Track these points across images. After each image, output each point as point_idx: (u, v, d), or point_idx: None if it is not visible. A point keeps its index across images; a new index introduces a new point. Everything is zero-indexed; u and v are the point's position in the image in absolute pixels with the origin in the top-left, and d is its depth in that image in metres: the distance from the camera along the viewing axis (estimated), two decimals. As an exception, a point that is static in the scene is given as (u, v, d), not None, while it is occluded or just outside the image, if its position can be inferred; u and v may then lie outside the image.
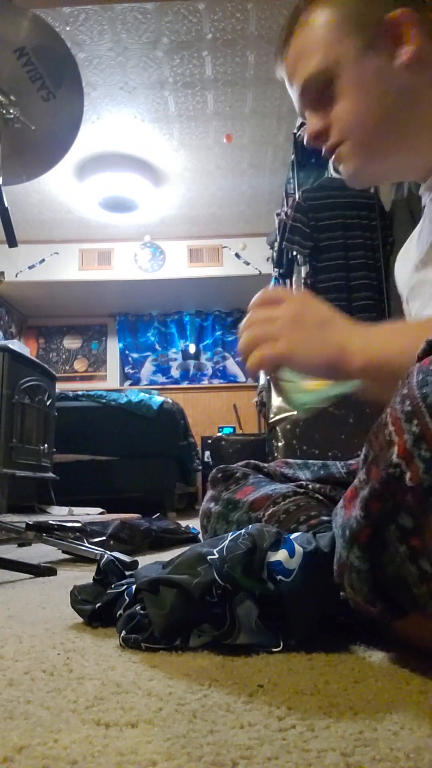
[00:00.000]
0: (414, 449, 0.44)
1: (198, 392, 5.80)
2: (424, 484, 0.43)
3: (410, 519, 0.44)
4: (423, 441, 0.43)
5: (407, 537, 0.45)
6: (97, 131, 3.78)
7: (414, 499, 0.43)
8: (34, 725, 0.39)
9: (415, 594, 0.45)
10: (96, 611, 0.66)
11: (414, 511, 0.44)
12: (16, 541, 1.69)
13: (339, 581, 0.51)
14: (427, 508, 0.43)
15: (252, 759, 0.33)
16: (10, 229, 1.33)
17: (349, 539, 0.48)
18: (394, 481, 0.44)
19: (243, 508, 0.81)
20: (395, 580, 0.46)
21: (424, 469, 0.43)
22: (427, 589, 0.44)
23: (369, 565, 0.47)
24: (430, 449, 0.43)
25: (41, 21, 1.38)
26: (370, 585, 0.48)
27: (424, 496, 0.43)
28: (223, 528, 0.83)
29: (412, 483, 0.43)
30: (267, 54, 3.17)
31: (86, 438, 3.45)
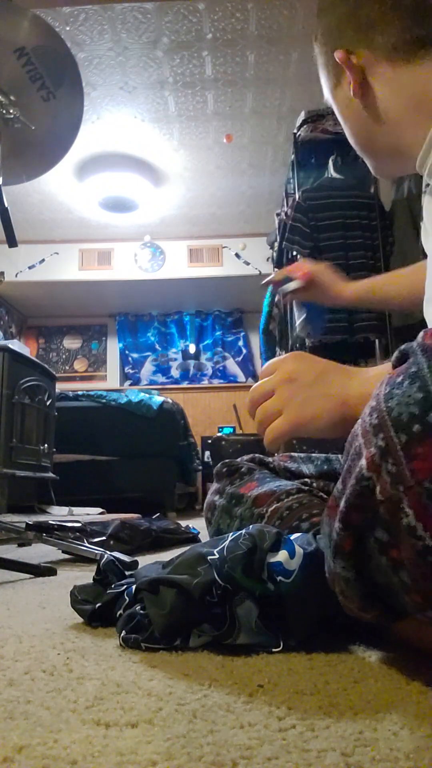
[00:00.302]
0: (381, 462, 0.43)
1: (198, 392, 5.80)
2: (393, 499, 0.42)
3: (385, 533, 0.44)
4: (388, 455, 0.43)
5: (386, 549, 0.44)
6: (97, 131, 3.78)
7: (386, 513, 0.43)
8: (34, 725, 0.39)
9: (402, 602, 0.45)
10: (96, 611, 0.66)
11: (388, 524, 0.43)
12: (16, 541, 1.69)
13: (332, 589, 0.51)
14: (398, 523, 0.42)
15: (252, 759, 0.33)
16: (10, 229, 1.33)
17: (333, 549, 0.47)
18: (367, 493, 0.44)
19: (246, 504, 0.81)
20: (385, 588, 0.46)
21: (390, 482, 0.42)
22: (410, 600, 0.44)
23: (355, 573, 0.47)
24: (396, 464, 0.42)
25: (41, 21, 1.38)
26: (360, 593, 0.47)
27: (394, 511, 0.42)
28: (226, 522, 0.83)
29: (382, 497, 0.43)
30: (267, 54, 3.17)
31: (86, 438, 3.45)
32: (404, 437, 0.43)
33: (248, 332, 6.01)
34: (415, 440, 0.42)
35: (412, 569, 0.43)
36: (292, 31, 3.02)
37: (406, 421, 0.43)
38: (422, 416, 0.42)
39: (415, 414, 0.42)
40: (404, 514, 0.42)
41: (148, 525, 1.69)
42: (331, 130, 3.13)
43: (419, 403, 0.42)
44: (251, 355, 5.96)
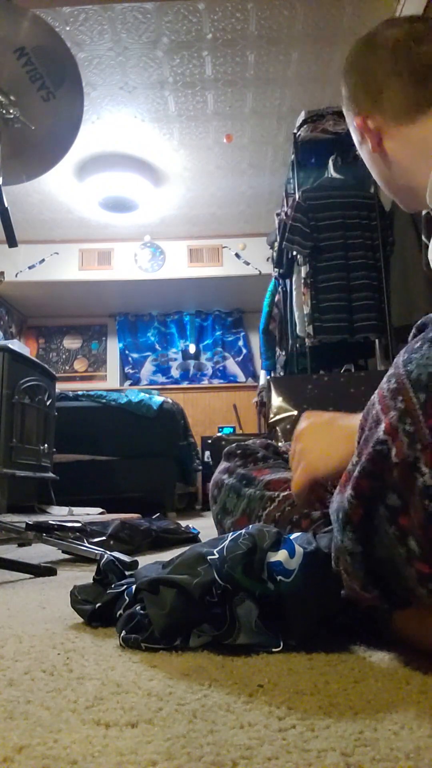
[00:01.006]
0: (399, 424, 0.45)
1: (198, 392, 5.80)
2: (408, 459, 0.44)
3: (397, 497, 0.45)
4: (407, 416, 0.45)
5: (395, 516, 0.46)
6: (97, 131, 3.78)
7: (399, 476, 0.45)
8: (34, 725, 0.39)
9: (405, 576, 0.46)
10: (96, 611, 0.66)
11: (400, 488, 0.45)
12: (16, 541, 1.69)
13: (336, 568, 0.52)
14: (412, 485, 0.44)
15: (252, 759, 0.33)
16: (10, 229, 1.33)
17: (342, 521, 0.49)
18: (381, 458, 0.46)
19: (258, 486, 0.81)
20: (387, 564, 0.47)
21: (407, 443, 0.44)
22: (415, 572, 0.45)
23: (362, 547, 0.48)
24: (414, 423, 0.44)
25: (41, 21, 1.38)
26: (364, 569, 0.49)
27: (408, 472, 0.44)
28: (233, 501, 0.83)
29: (397, 459, 0.45)
30: (267, 54, 3.17)
31: (86, 438, 3.45)
32: (423, 396, 0.44)
33: (248, 332, 6.01)
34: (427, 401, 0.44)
35: (421, 534, 0.44)
36: (292, 31, 3.02)
37: (425, 381, 0.44)
38: None
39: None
40: (419, 473, 0.44)
41: (148, 525, 1.69)
42: (331, 130, 3.13)
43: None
44: (251, 355, 5.96)
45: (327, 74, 3.34)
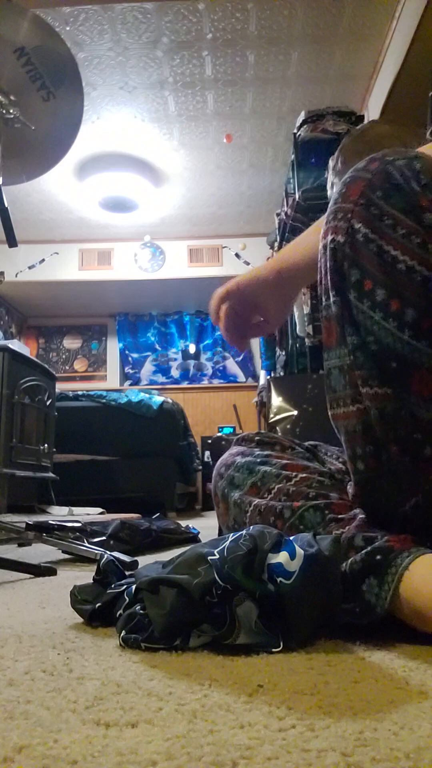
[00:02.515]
0: (333, 221, 0.64)
1: (198, 392, 5.80)
2: (348, 231, 0.61)
3: (355, 269, 0.60)
4: (338, 212, 0.62)
5: (361, 285, 0.60)
6: (97, 131, 3.78)
7: (350, 248, 0.61)
8: (34, 725, 0.39)
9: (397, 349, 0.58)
10: (96, 611, 0.66)
11: (353, 258, 0.61)
12: (16, 541, 1.69)
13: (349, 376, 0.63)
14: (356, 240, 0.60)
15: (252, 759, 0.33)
16: (10, 229, 1.33)
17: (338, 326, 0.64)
18: (334, 252, 0.62)
19: (275, 465, 0.78)
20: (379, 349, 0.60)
21: (343, 221, 0.63)
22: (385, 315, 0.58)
23: (358, 337, 0.61)
24: (342, 208, 0.62)
25: (41, 21, 1.38)
26: (370, 357, 0.60)
27: (352, 238, 0.61)
28: (243, 476, 0.79)
29: (342, 239, 0.62)
30: (267, 54, 3.17)
31: (86, 438, 3.45)
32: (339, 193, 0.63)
33: (248, 332, 6.00)
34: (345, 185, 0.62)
35: (379, 277, 0.58)
36: (292, 31, 3.02)
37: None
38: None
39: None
40: (357, 231, 0.59)
41: (148, 525, 1.69)
42: (331, 130, 3.13)
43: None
44: (251, 355, 5.96)
45: (327, 74, 3.34)
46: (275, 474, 0.75)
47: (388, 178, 0.59)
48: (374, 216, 0.59)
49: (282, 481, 0.74)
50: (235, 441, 0.90)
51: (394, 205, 0.58)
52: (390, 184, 0.59)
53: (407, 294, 0.57)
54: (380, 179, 0.59)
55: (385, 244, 0.58)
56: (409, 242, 0.57)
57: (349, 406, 0.63)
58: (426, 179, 0.58)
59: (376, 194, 0.59)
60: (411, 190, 0.58)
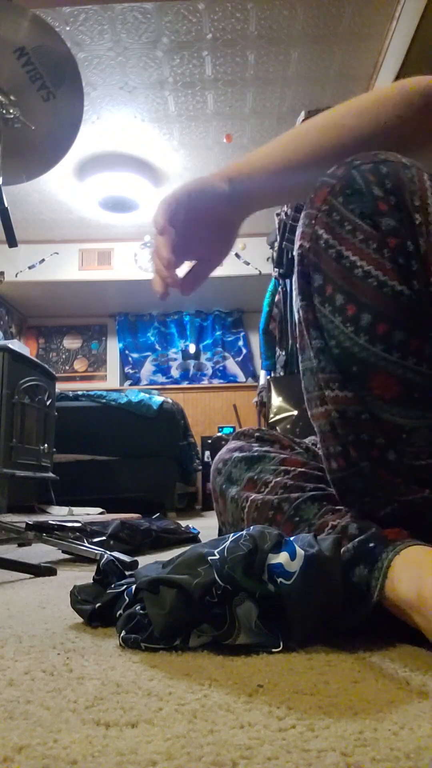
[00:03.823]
0: (303, 228, 0.64)
1: (198, 392, 5.80)
2: (313, 237, 0.63)
3: (317, 274, 0.61)
4: (306, 219, 0.64)
5: (323, 290, 0.61)
6: (97, 131, 3.78)
7: (313, 254, 0.62)
8: (34, 725, 0.39)
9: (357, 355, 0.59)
10: (96, 611, 0.66)
11: (315, 264, 0.62)
12: (16, 541, 1.69)
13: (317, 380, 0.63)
14: (319, 247, 0.61)
15: (252, 759, 0.33)
16: (10, 229, 1.33)
17: (304, 331, 0.65)
18: (300, 257, 0.64)
19: (273, 461, 0.77)
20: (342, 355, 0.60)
21: (306, 227, 0.63)
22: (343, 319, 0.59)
23: (323, 342, 0.62)
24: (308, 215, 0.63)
25: (41, 21, 1.38)
26: (333, 361, 0.60)
27: (316, 244, 0.62)
28: (240, 471, 0.78)
29: (307, 244, 0.63)
30: (267, 54, 3.17)
31: (86, 438, 3.45)
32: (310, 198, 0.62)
33: (248, 332, 6.01)
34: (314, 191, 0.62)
35: (338, 282, 0.59)
36: (292, 31, 3.02)
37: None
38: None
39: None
40: (319, 237, 0.60)
41: (148, 525, 1.69)
42: (331, 130, 3.13)
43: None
44: (251, 355, 5.96)
45: (327, 74, 3.34)
46: (272, 469, 0.75)
47: (350, 184, 0.59)
48: (335, 222, 0.60)
49: (280, 475, 0.74)
50: (233, 435, 0.89)
51: (353, 210, 0.59)
52: (351, 189, 0.59)
53: (363, 299, 0.58)
54: (343, 184, 0.60)
55: (344, 250, 0.59)
56: (366, 247, 0.58)
57: (319, 407, 0.64)
58: (390, 184, 0.58)
59: (338, 200, 0.60)
60: (371, 195, 0.58)
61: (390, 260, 0.57)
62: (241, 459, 0.79)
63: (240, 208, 0.73)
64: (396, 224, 0.58)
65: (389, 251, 0.58)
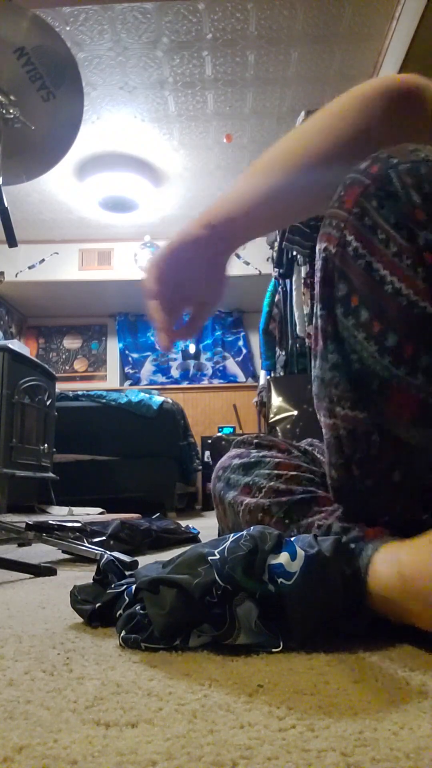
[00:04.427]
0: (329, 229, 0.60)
1: (198, 392, 5.80)
2: (340, 242, 0.58)
3: (344, 283, 0.57)
4: (333, 218, 0.60)
5: (347, 300, 0.57)
6: (97, 131, 3.78)
7: (340, 260, 0.58)
8: (34, 725, 0.39)
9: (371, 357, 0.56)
10: (96, 611, 0.66)
11: (342, 271, 0.58)
12: (16, 541, 1.69)
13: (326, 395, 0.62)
14: (347, 256, 0.57)
15: (252, 759, 0.33)
16: (10, 229, 1.33)
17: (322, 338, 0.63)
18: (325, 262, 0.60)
19: (267, 465, 0.78)
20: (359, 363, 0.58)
21: (335, 231, 0.59)
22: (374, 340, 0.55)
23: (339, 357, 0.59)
24: (336, 216, 0.59)
25: (41, 21, 1.38)
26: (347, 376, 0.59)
27: (343, 250, 0.57)
28: (236, 477, 0.80)
29: (333, 248, 0.59)
30: (267, 54, 3.17)
31: (86, 438, 3.45)
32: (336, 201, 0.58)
33: (248, 332, 6.01)
34: (343, 190, 0.58)
35: (365, 295, 0.55)
36: (292, 31, 3.02)
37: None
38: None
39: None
40: (348, 243, 0.56)
41: (148, 525, 1.69)
42: (331, 130, 3.13)
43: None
44: (251, 355, 5.96)
45: (327, 74, 3.34)
46: (266, 473, 0.77)
47: (386, 185, 0.54)
48: (367, 228, 0.55)
49: (273, 480, 0.75)
50: (234, 444, 0.91)
51: (388, 218, 0.54)
52: (387, 192, 0.54)
53: (391, 317, 0.54)
54: (378, 186, 0.55)
55: (375, 261, 0.55)
56: (399, 262, 0.53)
57: (328, 419, 0.63)
58: (430, 187, 0.53)
59: (371, 203, 0.55)
60: (408, 201, 0.53)
61: (425, 279, 0.53)
62: (239, 465, 0.81)
63: (224, 249, 0.70)
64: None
65: (424, 269, 0.53)
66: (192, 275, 0.69)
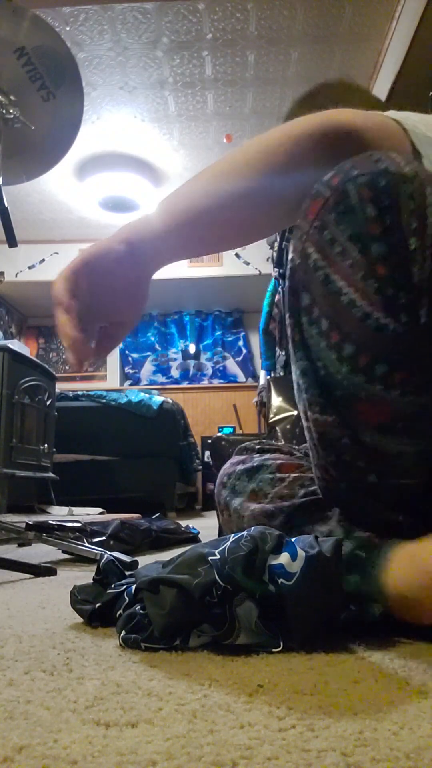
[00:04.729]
0: (295, 241, 0.61)
1: (198, 392, 5.80)
2: (303, 253, 0.60)
3: (306, 293, 0.59)
4: (297, 229, 0.61)
5: (310, 310, 0.59)
6: (97, 131, 3.78)
7: (302, 271, 0.59)
8: (34, 725, 0.39)
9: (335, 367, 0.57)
10: (96, 611, 0.66)
11: (306, 282, 0.59)
12: (16, 541, 1.69)
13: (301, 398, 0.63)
14: (308, 267, 0.58)
15: (252, 759, 0.33)
16: (10, 229, 1.33)
17: (293, 348, 0.63)
18: (292, 271, 0.61)
19: (270, 469, 0.79)
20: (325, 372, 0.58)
21: (300, 240, 0.60)
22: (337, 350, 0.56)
23: (308, 362, 0.60)
24: (301, 226, 0.60)
25: (41, 21, 1.38)
26: (317, 384, 0.60)
27: (305, 261, 0.59)
28: (242, 484, 0.81)
29: (299, 259, 0.61)
30: (267, 54, 3.17)
31: (86, 438, 3.45)
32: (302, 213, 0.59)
33: (248, 332, 6.01)
34: (308, 201, 0.58)
35: (324, 307, 0.56)
36: (292, 31, 3.02)
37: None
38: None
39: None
40: (309, 255, 0.57)
41: (148, 525, 1.69)
42: (331, 130, 3.13)
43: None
44: (251, 355, 5.95)
45: (327, 74, 3.34)
46: (270, 477, 0.77)
47: (343, 199, 0.55)
48: (326, 241, 0.56)
49: (276, 484, 0.76)
50: (237, 450, 0.92)
51: (344, 230, 0.55)
52: (345, 206, 0.55)
53: (346, 328, 0.55)
54: (336, 199, 0.56)
55: (332, 273, 0.56)
56: (353, 273, 0.54)
57: (304, 421, 0.65)
58: (387, 201, 0.53)
59: (330, 216, 0.56)
60: (363, 214, 0.54)
61: (377, 291, 0.54)
62: (243, 471, 0.82)
63: (143, 267, 0.66)
64: (386, 250, 0.53)
65: (376, 281, 0.54)
66: (108, 291, 0.65)
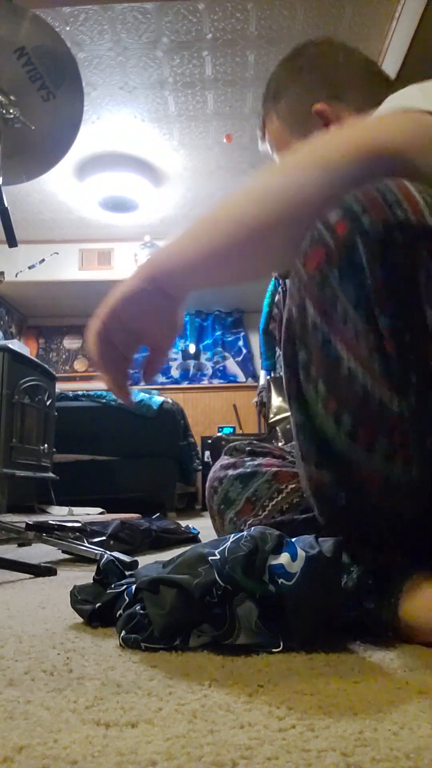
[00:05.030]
0: (290, 290, 0.56)
1: (198, 392, 5.79)
2: (299, 306, 0.55)
3: (303, 350, 0.54)
4: (294, 276, 0.56)
5: (307, 368, 0.54)
6: (97, 131, 3.78)
7: (299, 326, 0.55)
8: (34, 725, 0.39)
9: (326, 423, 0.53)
10: (96, 611, 0.66)
11: (302, 339, 0.55)
12: (16, 541, 1.69)
13: (300, 454, 0.60)
14: (306, 324, 0.55)
15: (252, 759, 0.33)
16: (10, 229, 1.33)
17: (291, 401, 0.59)
18: (288, 323, 0.57)
19: (265, 476, 0.77)
20: (322, 435, 0.55)
21: (295, 288, 0.56)
22: (330, 411, 0.52)
23: (304, 418, 0.56)
24: (296, 274, 0.54)
25: (41, 21, 1.38)
26: (313, 442, 0.56)
27: (303, 317, 0.55)
28: (236, 490, 0.78)
29: (296, 312, 0.56)
30: (267, 54, 3.17)
31: (86, 438, 3.45)
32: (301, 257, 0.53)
33: (248, 332, 6.01)
34: (308, 245, 0.52)
35: (322, 370, 0.52)
36: (292, 31, 3.02)
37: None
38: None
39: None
40: (307, 311, 0.52)
41: (148, 525, 1.69)
42: (331, 130, 3.13)
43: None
44: (251, 355, 5.95)
45: (327, 74, 3.33)
46: (267, 488, 0.75)
47: (350, 253, 0.48)
48: (327, 300, 0.50)
49: (274, 495, 0.74)
50: (225, 451, 0.88)
51: (348, 293, 0.49)
52: (350, 262, 0.48)
53: (346, 399, 0.51)
54: (342, 253, 0.49)
55: (333, 338, 0.50)
56: (356, 343, 0.49)
57: (300, 469, 0.63)
58: (401, 260, 0.47)
59: (333, 272, 0.50)
60: (373, 278, 0.47)
61: (384, 370, 0.48)
62: (235, 477, 0.79)
63: (174, 298, 0.63)
64: (397, 325, 0.47)
65: (384, 359, 0.48)
66: (144, 328, 0.63)
